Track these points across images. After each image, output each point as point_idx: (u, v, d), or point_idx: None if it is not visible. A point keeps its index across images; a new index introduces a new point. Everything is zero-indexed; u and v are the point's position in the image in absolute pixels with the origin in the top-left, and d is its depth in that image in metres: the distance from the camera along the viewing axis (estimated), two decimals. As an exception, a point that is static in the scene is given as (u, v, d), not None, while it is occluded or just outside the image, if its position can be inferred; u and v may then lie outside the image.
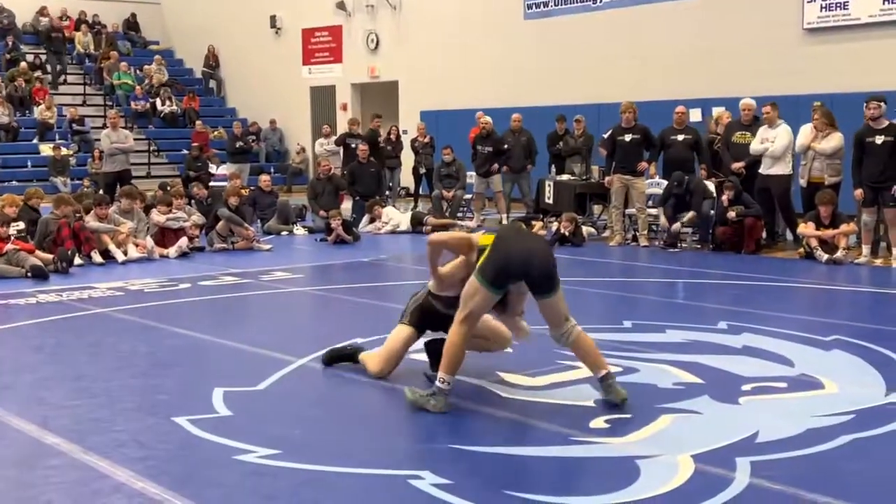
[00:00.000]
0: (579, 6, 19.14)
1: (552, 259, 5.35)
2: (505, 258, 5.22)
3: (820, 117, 11.50)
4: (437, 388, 5.24)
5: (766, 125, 11.99)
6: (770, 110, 11.91)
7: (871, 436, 4.76)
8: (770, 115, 11.88)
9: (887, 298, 9.17)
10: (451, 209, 15.84)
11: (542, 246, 5.51)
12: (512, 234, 5.55)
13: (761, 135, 11.95)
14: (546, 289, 5.29)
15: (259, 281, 10.17)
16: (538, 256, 5.27)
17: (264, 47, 25.92)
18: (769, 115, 11.88)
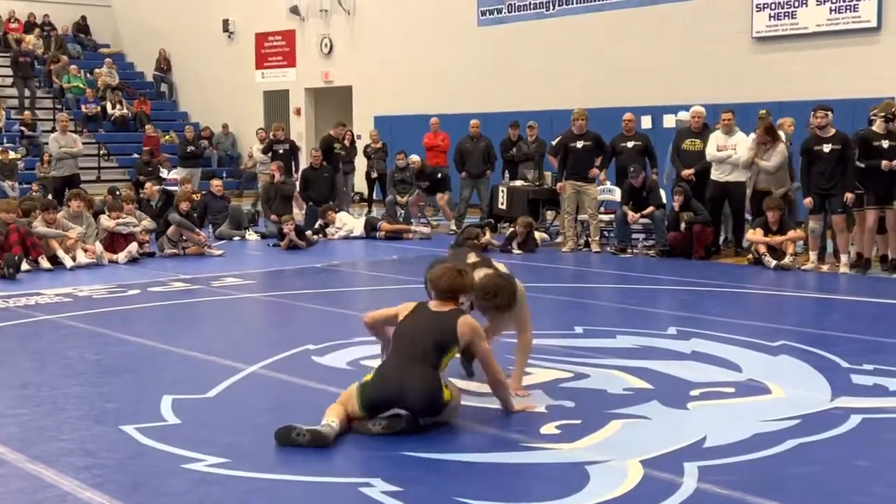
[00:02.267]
0: (532, 13, 19.25)
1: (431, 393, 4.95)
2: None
3: (760, 133, 11.63)
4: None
5: (720, 131, 12.10)
6: (730, 117, 12.03)
7: (816, 440, 4.83)
8: (729, 121, 12.00)
9: (833, 304, 9.32)
10: (404, 215, 15.83)
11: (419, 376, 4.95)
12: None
13: (717, 141, 12.05)
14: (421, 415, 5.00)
15: (210, 287, 10.09)
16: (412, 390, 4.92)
17: (217, 51, 25.75)
18: (728, 122, 12.00)
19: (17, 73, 24.51)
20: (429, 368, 5.00)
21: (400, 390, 4.95)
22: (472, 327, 5.15)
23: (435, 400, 4.99)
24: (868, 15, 14.91)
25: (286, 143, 17.70)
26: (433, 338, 5.07)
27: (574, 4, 18.60)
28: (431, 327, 5.12)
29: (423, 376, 4.96)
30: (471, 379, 5.95)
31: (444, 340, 5.08)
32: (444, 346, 5.07)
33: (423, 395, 4.94)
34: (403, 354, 5.07)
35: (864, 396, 5.60)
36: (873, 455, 4.64)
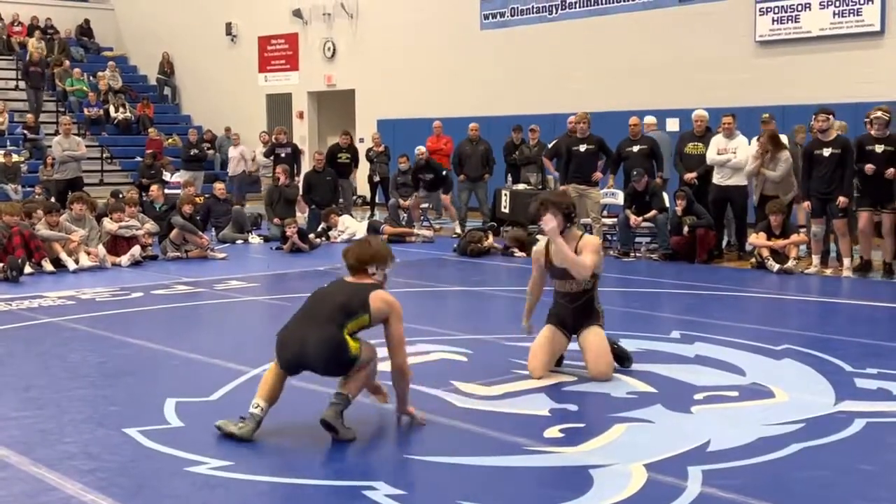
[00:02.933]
0: (535, 17, 19.26)
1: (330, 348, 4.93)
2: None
3: (764, 142, 11.63)
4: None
5: (721, 135, 12.10)
6: (731, 121, 12.03)
7: (820, 444, 4.82)
8: (730, 125, 12.00)
9: (837, 308, 9.31)
10: (407, 218, 15.83)
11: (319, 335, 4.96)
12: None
13: (717, 145, 12.05)
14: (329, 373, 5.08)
15: (213, 290, 10.09)
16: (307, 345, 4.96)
17: (220, 54, 25.77)
18: (728, 126, 12.00)
19: (28, 83, 24.50)
20: (331, 326, 4.96)
21: (301, 347, 4.99)
22: (387, 302, 5.10)
23: (336, 354, 4.93)
24: (871, 19, 14.90)
25: (288, 147, 17.76)
26: (340, 299, 5.08)
27: (577, 8, 18.60)
28: (341, 292, 5.14)
29: (321, 332, 4.95)
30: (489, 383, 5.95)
31: (352, 305, 5.04)
32: (350, 311, 5.02)
33: (321, 349, 4.92)
34: (307, 314, 5.14)
35: (868, 400, 5.60)
36: (877, 459, 4.64)
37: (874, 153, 10.42)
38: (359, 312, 5.03)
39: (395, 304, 5.15)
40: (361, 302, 5.05)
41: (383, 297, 5.12)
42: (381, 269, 5.28)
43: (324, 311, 5.06)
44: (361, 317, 5.04)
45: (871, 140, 10.51)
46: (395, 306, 5.13)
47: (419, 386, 5.92)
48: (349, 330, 5.00)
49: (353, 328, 5.03)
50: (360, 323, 5.05)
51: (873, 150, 10.44)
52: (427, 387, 5.90)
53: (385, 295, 5.15)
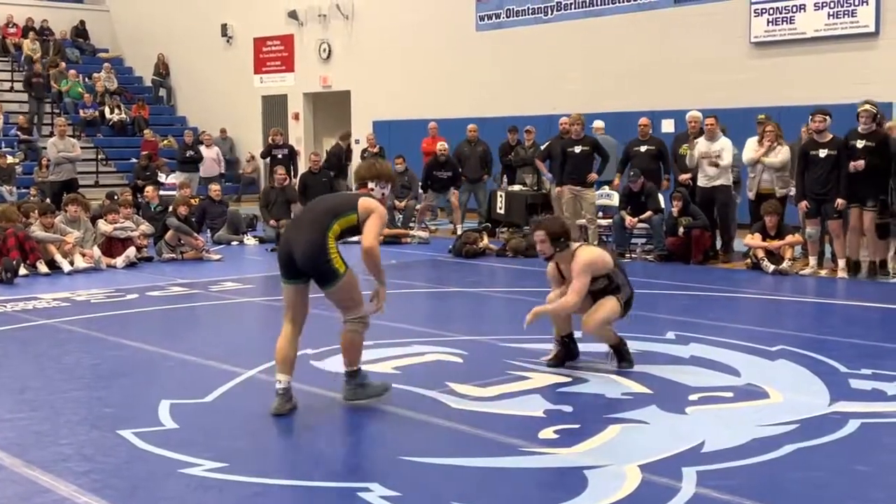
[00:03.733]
0: (531, 18, 19.26)
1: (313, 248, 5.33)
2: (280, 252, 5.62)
3: (774, 130, 11.68)
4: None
5: (703, 138, 12.06)
6: (713, 122, 12.02)
7: (814, 445, 4.83)
8: (712, 127, 11.98)
9: (832, 309, 9.33)
10: (403, 219, 15.83)
11: (307, 235, 5.38)
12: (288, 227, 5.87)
13: (700, 148, 12.01)
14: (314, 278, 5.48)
15: (208, 291, 10.08)
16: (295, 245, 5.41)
17: (215, 56, 25.74)
18: (711, 128, 11.98)
19: (31, 93, 24.41)
20: (317, 231, 5.36)
21: (289, 246, 5.43)
22: (374, 203, 5.47)
23: (317, 257, 5.31)
24: (866, 20, 14.91)
25: (285, 148, 17.75)
26: (330, 204, 5.55)
27: (572, 10, 18.60)
28: (333, 199, 5.72)
29: (307, 235, 5.37)
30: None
31: (340, 208, 5.45)
32: (337, 212, 5.40)
33: (305, 249, 5.32)
34: (299, 219, 5.67)
35: (862, 401, 5.60)
36: (872, 460, 4.64)
37: (856, 148, 10.45)
38: (347, 212, 5.41)
39: (380, 208, 5.50)
40: (351, 205, 5.46)
41: (368, 202, 5.48)
42: (381, 186, 5.69)
43: (312, 216, 5.51)
44: (349, 215, 5.41)
45: (856, 135, 10.55)
46: (380, 208, 5.50)
47: (414, 387, 5.94)
48: (335, 231, 5.36)
49: (341, 226, 5.39)
50: (347, 220, 5.40)
51: (855, 146, 10.47)
52: (422, 388, 5.91)
53: (372, 201, 5.51)
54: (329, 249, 5.33)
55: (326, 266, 5.33)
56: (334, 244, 5.37)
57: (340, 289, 5.44)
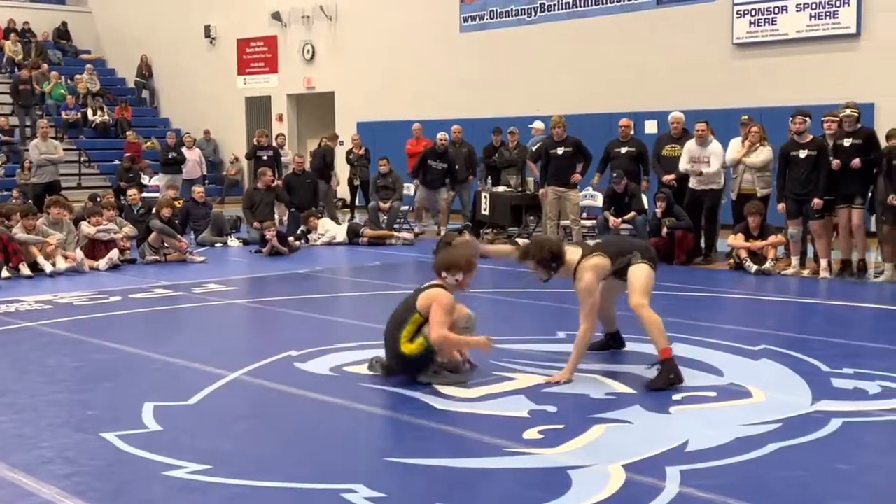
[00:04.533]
0: (514, 20, 19.29)
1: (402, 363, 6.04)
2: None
3: (758, 131, 11.73)
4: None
5: (693, 142, 12.08)
6: (704, 128, 12.01)
7: (797, 444, 4.85)
8: (703, 132, 11.99)
9: (814, 309, 9.37)
10: (387, 221, 15.82)
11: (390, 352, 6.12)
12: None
13: (691, 152, 12.03)
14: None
15: (192, 293, 10.05)
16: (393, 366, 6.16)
17: (198, 57, 25.68)
18: (702, 133, 11.99)
19: (18, 101, 24.27)
20: (395, 345, 6.04)
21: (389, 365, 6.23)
22: (429, 297, 6.00)
23: (400, 364, 6.04)
24: (847, 21, 15.02)
25: (269, 150, 17.73)
26: (397, 317, 6.12)
27: (556, 11, 18.65)
28: (402, 307, 6.16)
29: (390, 351, 6.11)
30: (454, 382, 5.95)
31: (402, 316, 6.06)
32: (401, 322, 6.03)
33: (393, 364, 6.11)
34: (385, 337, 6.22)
35: (844, 400, 5.63)
36: (854, 459, 4.67)
37: (843, 147, 10.50)
38: (408, 318, 6.01)
39: (439, 296, 6.00)
40: (409, 307, 6.06)
41: (428, 294, 6.02)
42: (453, 275, 6.15)
43: (387, 334, 6.14)
44: (413, 317, 6.00)
45: (843, 134, 10.61)
46: (438, 298, 5.98)
47: (399, 388, 5.94)
48: (406, 336, 5.98)
49: (410, 332, 5.98)
50: (414, 322, 6.00)
51: (843, 145, 10.53)
52: (407, 389, 5.91)
53: (431, 292, 6.02)
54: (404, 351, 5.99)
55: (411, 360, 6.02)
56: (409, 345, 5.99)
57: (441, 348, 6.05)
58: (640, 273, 6.26)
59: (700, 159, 11.98)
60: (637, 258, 6.30)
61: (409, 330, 5.98)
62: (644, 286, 6.22)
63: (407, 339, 5.97)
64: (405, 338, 5.97)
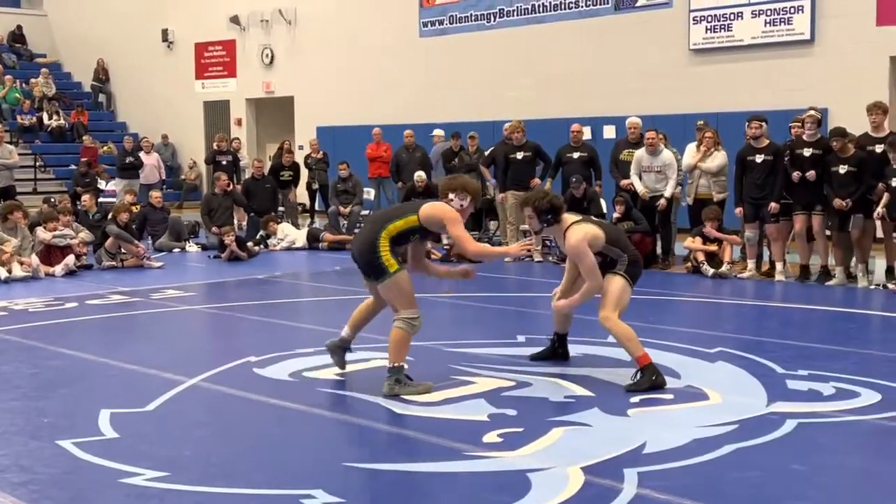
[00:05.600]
0: (474, 24, 19.35)
1: (364, 246, 5.85)
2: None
3: (712, 136, 11.86)
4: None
5: (644, 151, 12.12)
6: (654, 136, 12.07)
7: (752, 445, 4.91)
8: (653, 140, 12.06)
9: (770, 311, 9.49)
10: (348, 225, 15.79)
11: (363, 235, 5.99)
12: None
13: (642, 161, 12.10)
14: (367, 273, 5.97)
15: (149, 299, 9.97)
16: (355, 245, 6.04)
17: (156, 61, 25.47)
18: (652, 142, 12.06)
19: None
20: (372, 231, 5.86)
21: (353, 244, 6.13)
22: (437, 207, 5.90)
23: (367, 254, 5.82)
24: (802, 28, 15.23)
25: (229, 154, 17.63)
26: (391, 210, 6.15)
27: (515, 16, 18.74)
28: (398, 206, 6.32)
29: (364, 234, 5.94)
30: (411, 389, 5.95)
31: (399, 211, 5.99)
32: (394, 216, 5.91)
33: (359, 247, 5.91)
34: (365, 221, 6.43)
35: (799, 402, 5.71)
36: (808, 459, 4.74)
37: (803, 157, 10.65)
38: (405, 215, 5.88)
39: (446, 210, 5.88)
40: (413, 208, 5.94)
41: (435, 204, 5.93)
42: (459, 197, 5.98)
43: (373, 218, 6.14)
44: (408, 216, 5.87)
45: (801, 143, 10.75)
46: (446, 211, 5.87)
47: (359, 393, 5.94)
48: (389, 231, 5.79)
49: (398, 227, 5.82)
50: (406, 222, 5.85)
51: (802, 154, 10.67)
52: (367, 394, 5.91)
53: (439, 204, 5.92)
54: (379, 247, 5.79)
55: (376, 262, 5.80)
56: (386, 244, 5.79)
57: (388, 286, 5.85)
58: (617, 286, 6.24)
59: (651, 168, 12.07)
60: (622, 266, 6.30)
61: (398, 225, 5.83)
62: (616, 300, 6.20)
63: (387, 235, 5.79)
64: (388, 231, 5.80)
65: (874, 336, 8.30)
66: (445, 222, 5.85)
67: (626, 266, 6.30)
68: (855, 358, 6.96)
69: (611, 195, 12.95)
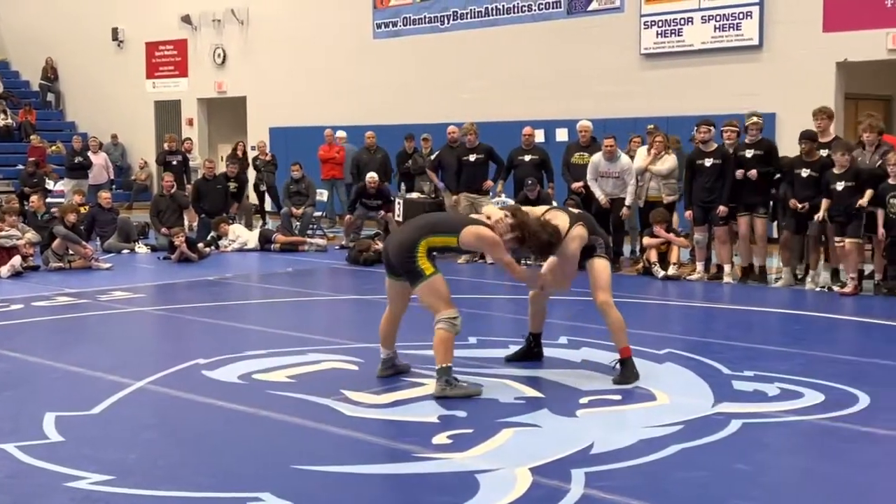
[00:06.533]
0: (428, 27, 19.36)
1: (402, 249, 5.87)
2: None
3: (662, 140, 11.98)
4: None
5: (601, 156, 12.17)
6: (612, 143, 12.11)
7: (698, 445, 4.97)
8: (611, 148, 12.11)
9: (717, 313, 9.60)
10: (300, 227, 15.72)
11: (402, 238, 6.00)
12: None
13: (599, 168, 12.17)
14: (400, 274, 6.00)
15: (97, 301, 9.85)
16: (390, 245, 6.06)
17: (106, 60, 25.16)
18: (610, 149, 12.11)
19: None
20: (412, 235, 5.92)
21: (388, 243, 6.14)
22: (476, 235, 5.91)
23: (404, 256, 5.84)
24: (750, 33, 15.43)
25: (179, 155, 17.48)
26: (436, 219, 6.19)
27: (469, 19, 18.78)
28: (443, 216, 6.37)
29: (404, 236, 5.98)
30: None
31: (443, 227, 5.99)
32: (438, 230, 5.94)
33: (396, 248, 5.92)
34: (409, 221, 6.29)
35: (744, 402, 5.79)
36: (752, 459, 4.80)
37: (745, 158, 10.81)
38: (447, 233, 5.94)
39: (486, 235, 5.92)
40: (455, 228, 5.96)
41: (475, 230, 5.92)
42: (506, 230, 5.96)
43: (417, 222, 6.14)
44: (449, 237, 5.93)
45: (744, 146, 10.92)
46: (485, 237, 5.92)
47: (308, 395, 5.92)
48: (430, 242, 5.85)
49: (436, 243, 5.90)
50: (445, 241, 5.94)
51: (744, 156, 10.84)
52: (316, 396, 5.89)
53: (477, 229, 5.92)
54: (416, 252, 5.83)
55: (412, 266, 5.84)
56: (424, 250, 5.85)
57: (423, 290, 5.89)
58: (603, 268, 6.46)
59: (609, 174, 12.17)
60: (601, 249, 6.47)
61: (437, 241, 5.90)
62: (608, 283, 6.47)
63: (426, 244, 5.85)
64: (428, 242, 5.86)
65: (819, 337, 8.44)
66: (487, 251, 6.14)
67: (604, 248, 6.53)
68: (800, 359, 7.07)
69: (563, 198, 13.01)
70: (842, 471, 4.71)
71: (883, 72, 15.41)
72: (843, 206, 10.05)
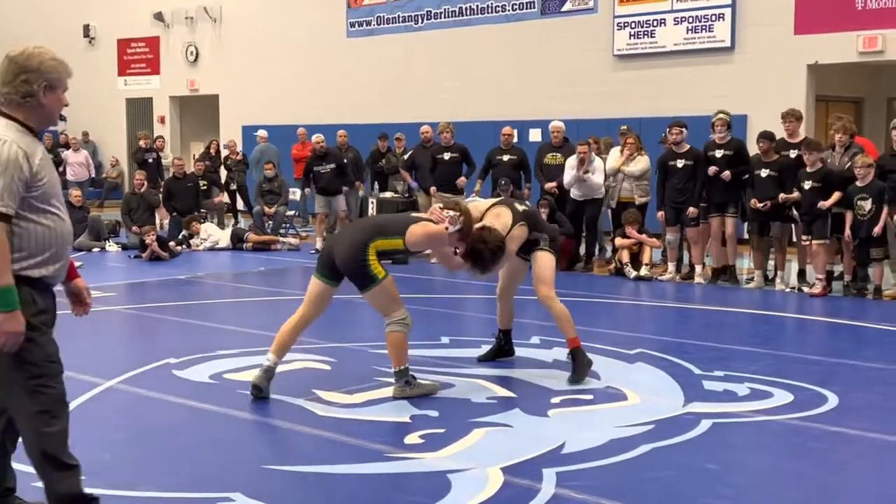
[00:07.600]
0: (401, 26, 19.36)
1: (352, 252, 5.70)
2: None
3: (634, 141, 12.04)
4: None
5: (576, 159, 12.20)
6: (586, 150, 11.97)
7: (668, 445, 5.01)
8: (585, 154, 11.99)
9: (689, 313, 9.67)
10: (272, 226, 15.67)
11: (349, 242, 5.80)
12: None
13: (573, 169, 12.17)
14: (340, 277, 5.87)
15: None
16: (337, 247, 5.85)
17: (77, 57, 24.82)
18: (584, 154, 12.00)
19: None
20: (360, 237, 5.75)
21: (333, 244, 5.95)
22: (423, 230, 5.80)
23: (354, 260, 5.67)
24: (722, 35, 15.53)
25: (154, 153, 17.39)
26: (383, 221, 6.09)
27: (442, 19, 18.79)
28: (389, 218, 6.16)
29: (352, 238, 5.80)
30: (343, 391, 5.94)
31: (389, 228, 5.83)
32: (384, 231, 5.79)
33: (344, 252, 5.72)
34: (354, 222, 6.13)
35: (714, 402, 5.84)
36: (721, 458, 4.84)
37: (715, 158, 10.90)
38: (392, 235, 5.78)
39: (432, 231, 5.80)
40: (400, 229, 5.81)
41: (421, 227, 5.80)
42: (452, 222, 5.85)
43: (364, 224, 6.13)
44: (394, 239, 5.78)
45: (713, 146, 11.01)
46: (432, 234, 5.81)
47: (280, 395, 5.90)
48: (377, 245, 5.71)
49: (384, 246, 5.75)
50: (391, 243, 5.79)
51: (714, 156, 10.92)
52: (288, 396, 5.88)
53: (425, 226, 5.81)
54: (367, 255, 5.68)
55: (363, 271, 5.70)
56: (374, 255, 5.71)
57: (375, 294, 5.78)
58: (547, 263, 6.48)
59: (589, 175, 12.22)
60: (545, 243, 6.50)
61: (384, 244, 5.74)
62: (551, 277, 6.48)
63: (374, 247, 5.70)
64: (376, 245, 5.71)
65: (788, 338, 8.52)
66: (433, 245, 6.04)
67: (548, 242, 6.55)
68: (769, 359, 7.13)
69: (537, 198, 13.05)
70: (811, 470, 4.75)
71: (854, 74, 15.58)
72: (808, 204, 10.17)
